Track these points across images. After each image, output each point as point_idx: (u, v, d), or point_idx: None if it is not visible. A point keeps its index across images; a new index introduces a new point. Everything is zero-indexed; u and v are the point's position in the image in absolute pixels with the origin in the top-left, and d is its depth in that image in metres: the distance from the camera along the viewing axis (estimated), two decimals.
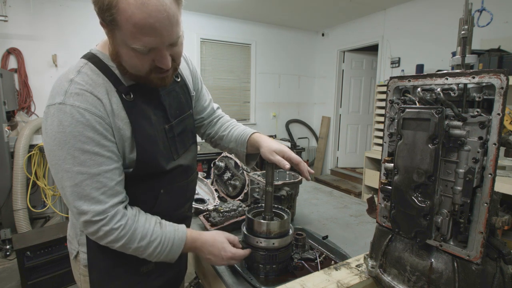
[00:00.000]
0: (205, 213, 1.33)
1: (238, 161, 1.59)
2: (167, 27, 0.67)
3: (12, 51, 3.57)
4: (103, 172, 0.72)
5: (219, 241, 0.89)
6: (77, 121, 0.69)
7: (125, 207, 0.78)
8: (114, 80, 0.76)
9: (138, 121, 0.78)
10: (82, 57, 0.78)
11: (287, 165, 0.95)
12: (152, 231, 0.80)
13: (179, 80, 0.95)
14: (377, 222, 0.81)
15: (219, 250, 0.88)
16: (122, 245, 0.77)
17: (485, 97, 0.60)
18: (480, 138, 0.59)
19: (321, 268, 0.89)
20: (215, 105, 1.19)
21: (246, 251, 0.91)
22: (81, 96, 0.70)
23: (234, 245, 0.92)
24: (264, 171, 1.30)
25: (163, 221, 0.85)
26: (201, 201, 1.50)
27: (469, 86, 0.62)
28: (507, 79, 0.56)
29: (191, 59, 1.06)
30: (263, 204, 0.99)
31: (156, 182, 0.86)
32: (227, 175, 1.62)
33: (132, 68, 0.74)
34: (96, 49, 0.79)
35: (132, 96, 0.78)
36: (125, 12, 0.62)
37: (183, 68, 0.99)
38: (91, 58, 0.77)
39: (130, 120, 0.77)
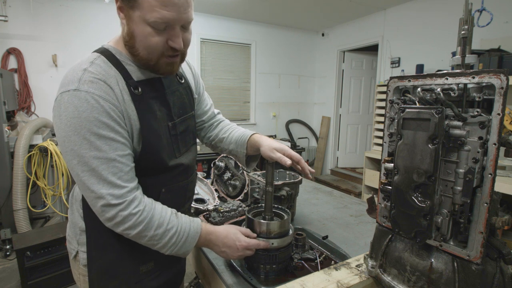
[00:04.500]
0: (205, 213, 1.33)
1: (239, 163, 1.58)
2: (185, 4, 0.73)
3: (12, 51, 3.57)
4: (119, 157, 0.73)
5: (232, 232, 0.89)
6: (92, 107, 0.70)
7: (142, 194, 0.79)
8: (125, 74, 0.79)
9: (145, 114, 0.80)
10: (94, 51, 0.81)
11: (288, 161, 0.95)
12: (169, 220, 0.80)
13: (183, 81, 0.97)
14: (377, 222, 0.81)
15: (234, 241, 0.88)
16: (139, 232, 0.76)
17: (485, 97, 0.60)
18: (480, 138, 0.59)
19: (321, 268, 0.89)
20: (216, 110, 1.20)
21: (262, 242, 0.90)
22: (95, 84, 0.72)
23: (248, 236, 0.92)
24: (264, 171, 1.30)
25: (179, 213, 0.85)
26: (201, 201, 1.50)
27: (469, 86, 0.62)
28: (507, 79, 0.56)
29: (192, 63, 1.09)
30: (263, 204, 0.99)
31: (157, 180, 0.87)
32: (227, 175, 1.62)
33: (145, 48, 0.76)
34: (109, 45, 0.82)
35: (140, 90, 0.80)
36: None
37: (186, 71, 1.02)
38: (104, 52, 0.80)
39: (138, 112, 0.79)
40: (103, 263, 0.85)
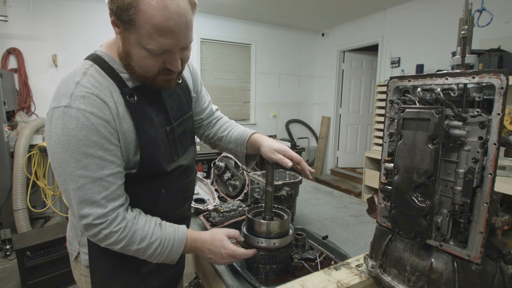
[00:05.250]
0: (205, 213, 1.33)
1: (238, 161, 1.58)
2: (184, 31, 0.70)
3: (12, 51, 3.57)
4: (106, 176, 0.72)
5: (218, 238, 0.88)
6: (82, 125, 0.69)
7: (126, 210, 0.78)
8: (119, 82, 0.76)
9: (142, 122, 0.79)
10: (86, 58, 0.78)
11: (289, 162, 0.95)
12: (152, 233, 0.79)
13: (180, 81, 0.95)
14: (377, 222, 0.81)
15: (219, 248, 0.87)
16: (122, 247, 0.77)
17: (485, 97, 0.60)
18: (480, 138, 0.59)
19: (321, 268, 0.89)
20: (214, 107, 1.19)
21: (249, 251, 0.90)
22: (87, 99, 0.70)
23: (236, 239, 0.92)
24: (264, 171, 1.30)
25: (164, 222, 0.84)
26: (201, 201, 1.50)
27: (469, 86, 0.62)
28: (507, 79, 0.56)
29: (191, 61, 1.07)
30: (263, 204, 0.99)
31: (157, 182, 0.86)
32: (227, 175, 1.62)
33: (141, 68, 0.75)
34: (101, 51, 0.80)
35: (136, 98, 0.78)
36: (145, 13, 0.64)
37: (184, 70, 1.00)
38: (96, 59, 0.77)
39: (134, 122, 0.77)
40: (106, 264, 0.85)
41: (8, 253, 2.89)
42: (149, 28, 0.66)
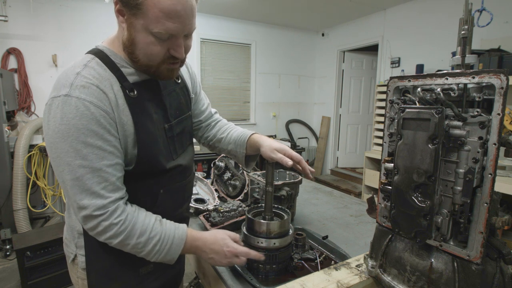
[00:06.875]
0: (205, 213, 1.33)
1: (237, 163, 1.58)
2: (190, 16, 0.73)
3: (12, 51, 3.57)
4: (105, 167, 0.72)
5: (220, 237, 0.87)
6: (82, 114, 0.69)
7: (126, 203, 0.78)
8: (119, 76, 0.77)
9: (141, 117, 0.79)
10: (88, 52, 0.79)
11: (290, 161, 0.95)
12: (152, 228, 0.78)
13: (179, 81, 0.96)
14: (377, 222, 0.81)
15: (221, 246, 0.85)
16: (121, 241, 0.75)
17: (485, 97, 0.60)
18: (480, 138, 0.59)
19: (321, 268, 0.89)
20: (213, 110, 1.19)
21: (251, 251, 0.88)
22: (87, 89, 0.70)
23: (236, 242, 0.91)
24: (264, 171, 1.30)
25: (164, 219, 0.84)
26: (201, 201, 1.50)
27: (469, 86, 0.62)
28: (507, 79, 0.56)
29: (191, 63, 1.07)
30: (263, 204, 0.99)
31: (156, 181, 0.86)
32: (227, 175, 1.62)
33: (146, 55, 0.75)
34: (103, 45, 0.80)
35: (135, 92, 0.78)
36: None
37: (183, 71, 1.01)
38: (98, 53, 0.78)
39: (133, 116, 0.77)
40: (103, 266, 0.84)
41: (8, 253, 2.89)
42: (157, 11, 0.68)
